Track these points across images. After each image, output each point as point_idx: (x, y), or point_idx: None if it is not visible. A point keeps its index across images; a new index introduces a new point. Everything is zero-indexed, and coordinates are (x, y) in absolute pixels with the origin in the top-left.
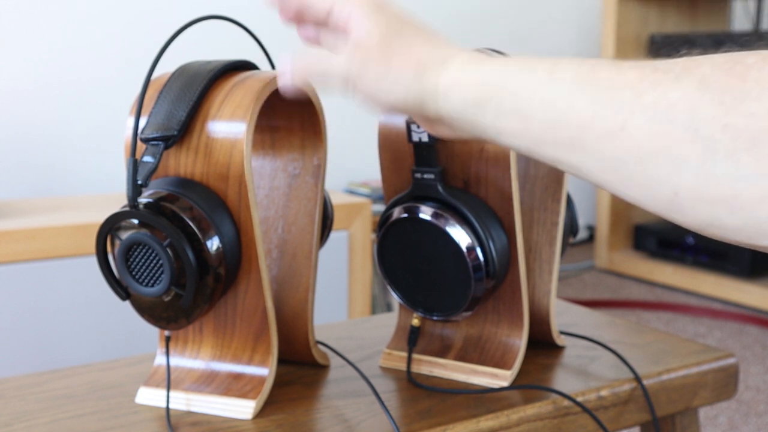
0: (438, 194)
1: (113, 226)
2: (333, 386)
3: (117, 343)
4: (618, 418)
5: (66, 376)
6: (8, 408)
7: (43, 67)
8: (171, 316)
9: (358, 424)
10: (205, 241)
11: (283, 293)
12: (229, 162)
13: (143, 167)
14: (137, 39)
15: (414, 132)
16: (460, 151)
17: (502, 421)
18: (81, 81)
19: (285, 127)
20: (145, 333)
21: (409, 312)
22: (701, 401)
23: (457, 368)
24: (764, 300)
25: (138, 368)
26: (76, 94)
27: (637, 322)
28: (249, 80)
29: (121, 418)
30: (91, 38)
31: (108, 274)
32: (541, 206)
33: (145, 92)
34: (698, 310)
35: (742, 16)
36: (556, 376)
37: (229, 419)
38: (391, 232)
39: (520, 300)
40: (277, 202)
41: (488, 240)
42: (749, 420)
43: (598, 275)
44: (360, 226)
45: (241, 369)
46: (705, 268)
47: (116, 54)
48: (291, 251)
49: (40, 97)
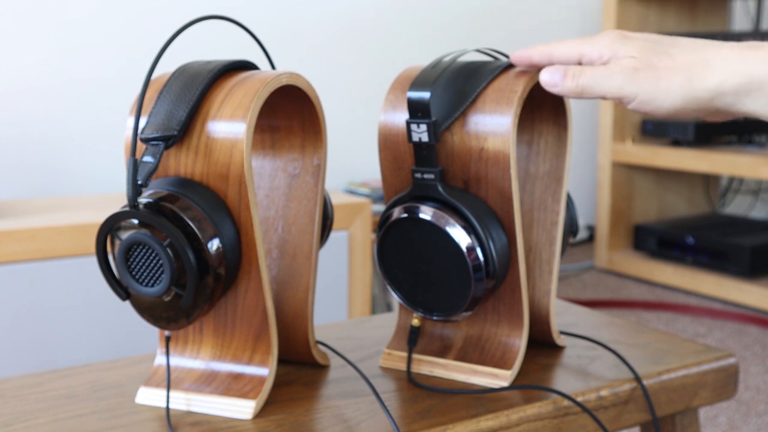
0: (438, 194)
1: (113, 226)
2: (333, 386)
3: (117, 343)
4: (618, 418)
5: (66, 376)
6: (8, 408)
7: (43, 67)
8: (171, 316)
9: (358, 424)
10: (205, 241)
11: (283, 293)
12: (229, 162)
13: (143, 167)
14: (137, 39)
15: (414, 132)
16: (460, 151)
17: (502, 421)
18: (81, 81)
19: (285, 127)
20: (145, 333)
21: (409, 312)
22: (701, 401)
23: (457, 368)
24: (764, 300)
25: (138, 368)
26: (76, 94)
27: (637, 322)
28: (249, 80)
29: (121, 418)
30: (91, 38)
31: (108, 274)
32: (541, 206)
33: (145, 92)
34: (698, 310)
35: (742, 16)
36: (556, 376)
37: (229, 419)
38: (391, 232)
39: (520, 300)
40: (277, 202)
41: (488, 240)
42: (749, 420)
43: (598, 275)
44: (360, 226)
45: (241, 369)
46: (705, 268)
47: (116, 54)
48: (291, 251)
49: (40, 97)
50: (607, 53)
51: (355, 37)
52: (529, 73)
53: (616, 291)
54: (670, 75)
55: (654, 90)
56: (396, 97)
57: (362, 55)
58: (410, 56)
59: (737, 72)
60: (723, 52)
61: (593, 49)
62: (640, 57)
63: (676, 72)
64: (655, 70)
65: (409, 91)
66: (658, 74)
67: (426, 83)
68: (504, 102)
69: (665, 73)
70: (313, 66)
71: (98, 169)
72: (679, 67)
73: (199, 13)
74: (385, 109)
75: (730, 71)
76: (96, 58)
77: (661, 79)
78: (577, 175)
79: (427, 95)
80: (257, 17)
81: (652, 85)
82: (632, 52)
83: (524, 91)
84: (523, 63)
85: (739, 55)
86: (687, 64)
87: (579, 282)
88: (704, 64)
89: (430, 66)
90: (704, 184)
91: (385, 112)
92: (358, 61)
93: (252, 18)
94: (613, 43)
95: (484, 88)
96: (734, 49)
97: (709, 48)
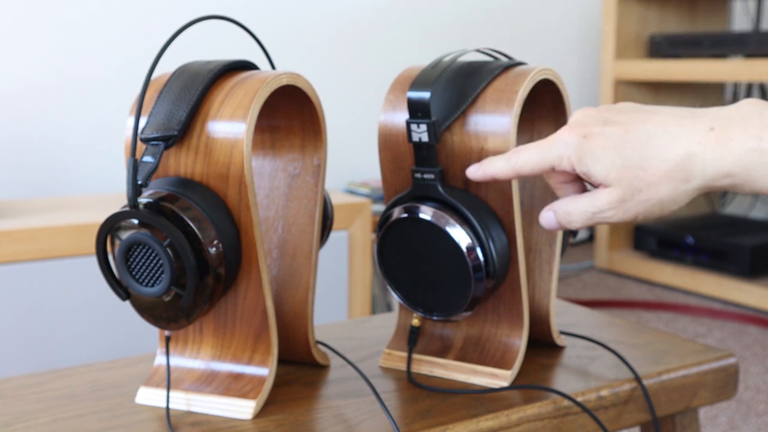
0: (438, 194)
1: (113, 226)
2: (333, 386)
3: (117, 343)
4: (618, 418)
5: (66, 376)
6: (8, 408)
7: (43, 67)
8: (171, 316)
9: (358, 424)
10: (205, 241)
11: (283, 293)
12: (229, 162)
13: (143, 167)
14: (137, 39)
15: (414, 132)
16: (460, 151)
17: (502, 421)
18: (81, 81)
19: (285, 127)
20: (145, 333)
21: (409, 312)
22: (701, 401)
23: (457, 368)
24: (764, 300)
25: (138, 368)
26: (76, 94)
27: (637, 322)
28: (249, 80)
29: (121, 418)
30: (91, 38)
31: (108, 274)
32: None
33: (145, 92)
34: (698, 310)
35: (742, 16)
36: (556, 376)
37: (229, 419)
38: (391, 232)
39: (520, 300)
40: (277, 202)
41: (488, 240)
42: (749, 420)
43: (598, 275)
44: (360, 226)
45: (241, 369)
46: (705, 268)
47: (116, 54)
48: (291, 251)
49: (39, 97)
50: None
51: (355, 37)
52: (529, 74)
53: (616, 291)
54: (656, 191)
55: (648, 209)
56: (396, 97)
57: (362, 55)
58: (410, 56)
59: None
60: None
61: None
62: (619, 184)
63: (659, 185)
64: (639, 192)
65: (409, 91)
66: (645, 196)
67: (426, 83)
68: (504, 102)
69: (651, 191)
70: (313, 66)
71: (98, 169)
72: (659, 179)
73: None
74: (385, 109)
75: (710, 171)
76: (96, 58)
77: (650, 199)
78: None
79: (427, 95)
80: (257, 17)
81: (645, 207)
82: (607, 177)
83: (524, 91)
84: (483, 179)
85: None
86: (665, 173)
87: (579, 282)
88: (681, 170)
89: (430, 66)
90: None
91: (385, 112)
92: (358, 61)
93: (252, 18)
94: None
95: (484, 88)
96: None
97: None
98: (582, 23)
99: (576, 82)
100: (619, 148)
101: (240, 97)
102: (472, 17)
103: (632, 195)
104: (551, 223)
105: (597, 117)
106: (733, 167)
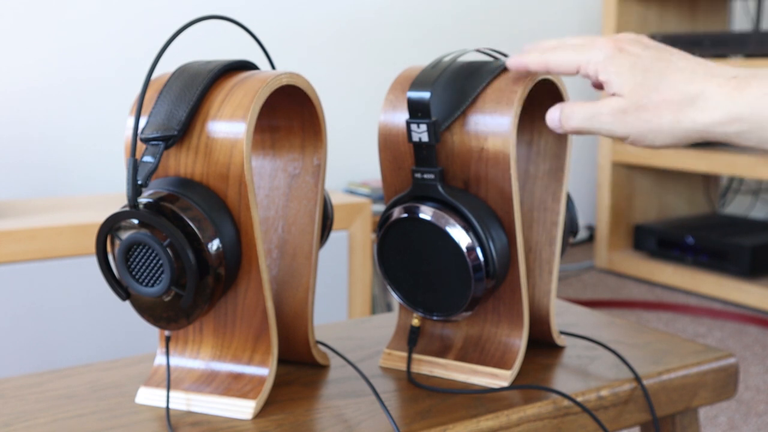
0: (438, 194)
1: (113, 226)
2: (333, 386)
3: (117, 343)
4: (618, 418)
5: (66, 376)
6: (8, 408)
7: (43, 67)
8: (171, 316)
9: (358, 424)
10: (205, 241)
11: (283, 293)
12: (229, 162)
13: (143, 167)
14: (137, 39)
15: (414, 132)
16: (460, 151)
17: (502, 421)
18: (81, 81)
19: (285, 127)
20: (145, 333)
21: (409, 312)
22: (701, 401)
23: (457, 368)
24: (764, 300)
25: (138, 368)
26: (75, 94)
27: (637, 322)
28: (249, 80)
29: (121, 418)
30: (91, 38)
31: (108, 274)
32: (541, 206)
33: (145, 92)
34: (698, 310)
35: (742, 16)
36: (556, 376)
37: (229, 419)
38: (391, 232)
39: (520, 300)
40: (277, 202)
41: (488, 240)
42: (749, 420)
43: (598, 275)
44: (360, 226)
45: (241, 369)
46: (705, 268)
47: (116, 54)
48: (291, 251)
49: (39, 97)
50: (603, 75)
51: (355, 37)
52: (529, 74)
53: (616, 291)
54: (658, 115)
55: (644, 131)
56: (396, 97)
57: (362, 55)
58: (410, 56)
59: (725, 113)
60: (711, 89)
61: (588, 65)
62: (629, 96)
63: (664, 111)
64: (644, 110)
65: (409, 91)
66: (647, 115)
67: (426, 83)
68: (504, 102)
69: (653, 113)
70: (313, 66)
71: (98, 169)
72: (667, 105)
73: (199, 13)
74: (385, 109)
75: (718, 112)
76: (96, 58)
77: (649, 121)
78: (577, 175)
79: (427, 95)
80: (257, 17)
81: (641, 126)
82: (622, 87)
83: (524, 91)
84: (518, 69)
85: (727, 94)
86: (675, 102)
87: (579, 282)
88: (691, 103)
89: (430, 66)
90: (704, 184)
91: (385, 112)
92: (358, 61)
93: (252, 18)
94: (608, 64)
95: (484, 88)
96: (722, 86)
97: (699, 81)
98: (582, 23)
99: (576, 83)
100: (645, 70)
101: (240, 97)
102: (472, 17)
103: (635, 110)
104: (553, 120)
105: (638, 40)
106: (744, 111)
